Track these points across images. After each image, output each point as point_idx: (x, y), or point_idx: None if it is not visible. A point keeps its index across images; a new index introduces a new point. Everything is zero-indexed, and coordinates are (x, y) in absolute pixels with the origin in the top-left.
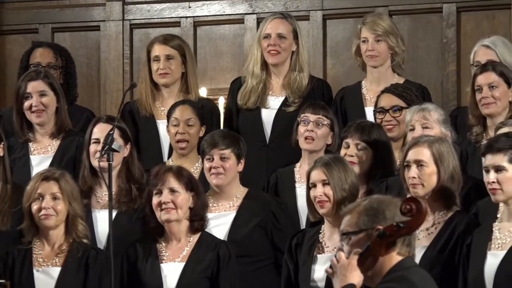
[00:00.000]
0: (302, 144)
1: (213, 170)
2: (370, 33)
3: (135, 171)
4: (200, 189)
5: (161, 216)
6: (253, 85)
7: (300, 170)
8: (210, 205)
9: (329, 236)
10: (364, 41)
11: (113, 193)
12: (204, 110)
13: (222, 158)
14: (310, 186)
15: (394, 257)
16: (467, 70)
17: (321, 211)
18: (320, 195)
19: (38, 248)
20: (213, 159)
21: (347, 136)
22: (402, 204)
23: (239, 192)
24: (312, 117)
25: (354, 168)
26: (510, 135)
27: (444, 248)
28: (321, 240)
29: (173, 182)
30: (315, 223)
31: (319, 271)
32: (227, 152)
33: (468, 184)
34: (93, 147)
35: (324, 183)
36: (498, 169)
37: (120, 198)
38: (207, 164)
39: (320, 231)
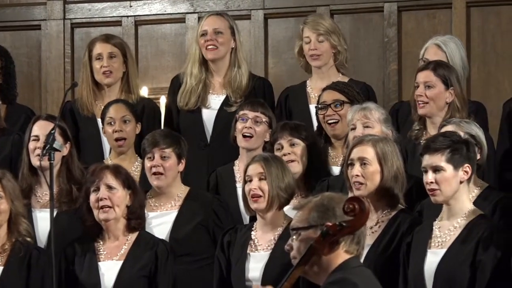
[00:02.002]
0: (240, 141)
1: (153, 170)
2: (312, 32)
3: (75, 170)
4: (137, 187)
5: (99, 215)
6: (193, 85)
7: (239, 169)
8: (152, 204)
9: (261, 234)
10: (306, 42)
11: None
12: (145, 110)
13: (163, 157)
14: (246, 180)
15: (341, 255)
16: (408, 69)
17: (254, 205)
18: (255, 189)
19: None
20: (153, 158)
21: (278, 138)
22: (345, 203)
23: (181, 191)
24: (250, 114)
25: (294, 166)
26: (448, 135)
27: (388, 247)
28: (253, 238)
29: (110, 179)
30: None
31: (253, 270)
32: (168, 151)
33: (410, 183)
34: (32, 144)
35: (261, 178)
36: (436, 169)
37: (60, 198)
38: (148, 163)
39: (253, 228)
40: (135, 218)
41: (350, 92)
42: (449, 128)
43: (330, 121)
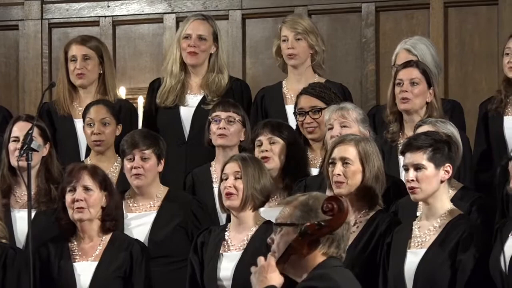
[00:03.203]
0: (216, 140)
1: (133, 171)
2: (290, 31)
3: (54, 170)
4: (113, 189)
5: (74, 214)
6: (172, 84)
7: (216, 169)
8: (130, 205)
9: (234, 234)
10: (284, 40)
11: (32, 193)
12: (122, 111)
13: (143, 158)
14: (222, 178)
15: (320, 256)
16: (386, 69)
17: (227, 203)
18: (230, 187)
19: None
20: (133, 159)
21: (258, 134)
22: (324, 203)
23: (160, 192)
24: (223, 114)
25: (270, 162)
26: (429, 134)
27: (366, 247)
28: (226, 238)
29: (87, 180)
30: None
31: (225, 270)
32: (148, 152)
33: (387, 183)
34: (12, 145)
35: (236, 177)
36: (418, 167)
37: (39, 198)
38: (127, 164)
39: (226, 229)
40: (110, 220)
41: (327, 97)
42: (425, 128)
43: (308, 128)
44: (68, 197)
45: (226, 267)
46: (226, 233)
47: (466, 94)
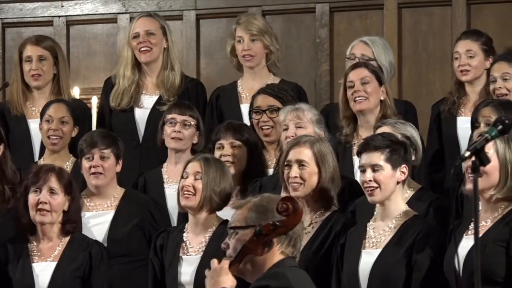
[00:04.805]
0: (169, 143)
1: (92, 170)
2: (245, 32)
3: (8, 171)
4: (77, 193)
5: (36, 216)
6: (125, 86)
7: (167, 170)
8: (87, 204)
9: (193, 236)
10: (239, 41)
11: None
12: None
13: (102, 158)
14: (183, 176)
15: (276, 256)
16: (340, 69)
17: (183, 202)
18: (188, 186)
19: None
20: (92, 158)
21: (220, 138)
22: (279, 203)
23: (117, 192)
24: (179, 118)
25: (233, 168)
26: (386, 135)
27: (321, 247)
28: (185, 240)
29: (54, 182)
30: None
31: (185, 275)
32: (107, 152)
33: (342, 184)
34: None
35: (196, 177)
36: (375, 168)
37: None
38: (86, 164)
39: (184, 230)
40: (71, 223)
41: (284, 97)
42: (384, 129)
43: (264, 127)
44: (32, 198)
45: (186, 271)
46: (184, 234)
47: (420, 95)
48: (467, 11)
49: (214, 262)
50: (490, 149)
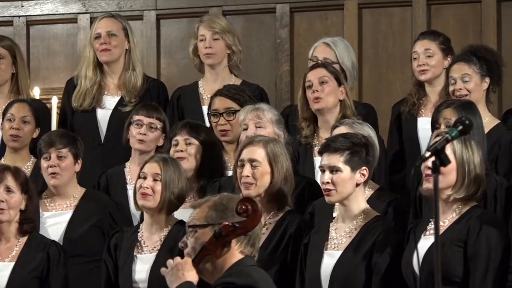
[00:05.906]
0: (134, 144)
1: (50, 170)
2: (207, 30)
3: None
4: (33, 193)
5: None
6: (87, 87)
7: (130, 170)
8: (47, 204)
9: (148, 235)
10: (202, 40)
11: None
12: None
13: (59, 157)
14: (140, 176)
15: (236, 256)
16: (300, 70)
17: (141, 202)
18: (147, 187)
19: None
20: (50, 157)
21: (176, 134)
22: (238, 204)
23: (76, 192)
24: (145, 120)
25: (184, 163)
26: (348, 136)
27: (276, 248)
28: (140, 239)
29: (10, 181)
30: None
31: (140, 273)
32: (64, 151)
33: (301, 184)
34: None
35: (156, 178)
36: (334, 169)
37: None
38: (44, 164)
39: (139, 230)
40: (28, 223)
41: (242, 99)
42: (342, 129)
43: (221, 129)
44: None
45: (141, 269)
46: (139, 234)
47: (380, 95)
48: (427, 12)
49: (177, 259)
50: (447, 150)
